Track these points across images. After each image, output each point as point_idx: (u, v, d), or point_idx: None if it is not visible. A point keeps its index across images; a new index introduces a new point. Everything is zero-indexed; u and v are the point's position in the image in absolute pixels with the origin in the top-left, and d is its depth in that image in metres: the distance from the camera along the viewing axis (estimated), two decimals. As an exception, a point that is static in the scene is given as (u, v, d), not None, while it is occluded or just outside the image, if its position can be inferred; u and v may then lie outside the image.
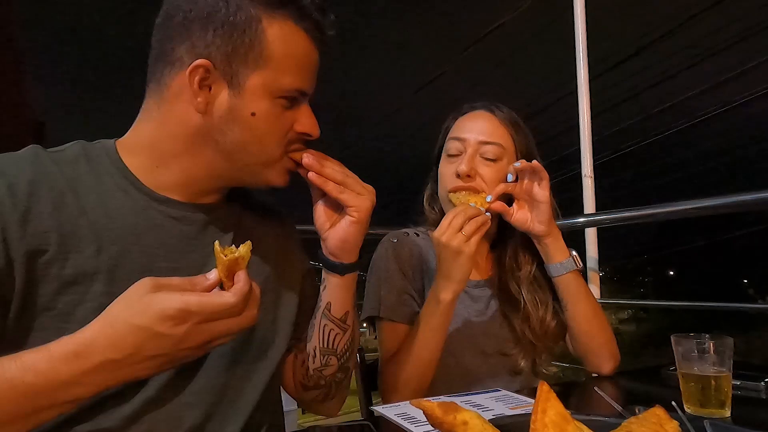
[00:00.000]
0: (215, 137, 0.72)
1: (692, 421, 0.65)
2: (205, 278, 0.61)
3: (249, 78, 0.70)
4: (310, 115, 0.77)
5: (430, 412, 0.59)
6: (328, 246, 0.83)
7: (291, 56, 0.71)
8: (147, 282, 0.58)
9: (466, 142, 1.11)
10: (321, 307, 0.86)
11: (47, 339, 0.61)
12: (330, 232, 0.82)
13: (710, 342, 0.79)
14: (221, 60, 0.69)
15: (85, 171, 0.71)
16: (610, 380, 1.09)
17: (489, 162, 1.10)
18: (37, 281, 0.63)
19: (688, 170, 33.44)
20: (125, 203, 0.72)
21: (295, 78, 0.72)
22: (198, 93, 0.70)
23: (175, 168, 0.74)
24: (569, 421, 0.52)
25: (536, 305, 1.14)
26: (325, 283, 0.86)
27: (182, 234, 0.75)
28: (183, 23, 0.70)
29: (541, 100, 18.93)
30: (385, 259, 1.17)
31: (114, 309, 0.58)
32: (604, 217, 2.02)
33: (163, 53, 0.71)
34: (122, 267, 0.68)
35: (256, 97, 0.71)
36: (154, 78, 0.73)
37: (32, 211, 0.64)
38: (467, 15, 21.76)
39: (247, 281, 0.60)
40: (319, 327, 0.86)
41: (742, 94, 14.63)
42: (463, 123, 1.15)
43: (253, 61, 0.70)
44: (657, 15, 18.66)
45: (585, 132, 2.47)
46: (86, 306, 0.65)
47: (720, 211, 1.58)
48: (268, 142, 0.74)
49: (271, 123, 0.72)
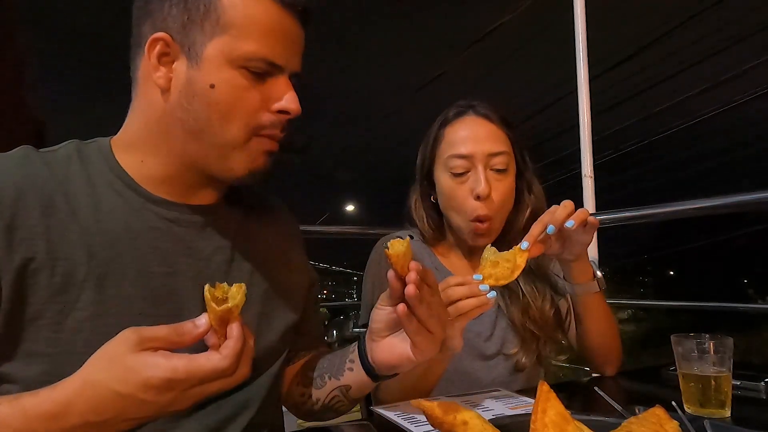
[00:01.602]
0: (178, 116, 0.67)
1: (692, 421, 0.65)
2: (194, 326, 0.55)
3: (206, 47, 0.65)
4: (286, 89, 0.69)
5: (430, 412, 0.58)
6: (374, 354, 0.74)
7: (253, 21, 0.66)
8: (130, 338, 0.52)
9: (474, 158, 1.05)
10: (339, 383, 0.80)
11: (37, 349, 0.60)
12: (384, 345, 0.73)
13: (710, 342, 0.79)
14: (178, 30, 0.66)
15: (77, 171, 0.68)
16: (610, 380, 1.09)
17: (500, 174, 1.06)
18: (26, 290, 0.61)
19: (688, 170, 33.43)
20: (118, 205, 0.69)
21: (258, 45, 0.66)
22: (157, 68, 0.66)
23: (155, 161, 0.71)
24: (569, 421, 0.52)
25: (535, 296, 1.13)
26: (352, 366, 0.78)
27: (177, 237, 0.72)
28: (144, 1, 0.68)
29: (541, 100, 18.91)
30: (378, 264, 1.16)
31: (94, 368, 0.53)
32: (604, 217, 2.02)
33: (134, 38, 0.69)
34: (114, 273, 0.65)
35: (215, 66, 0.65)
36: (132, 67, 0.71)
37: (19, 217, 0.61)
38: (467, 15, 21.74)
39: (240, 337, 0.55)
40: (327, 393, 0.82)
41: (742, 94, 14.62)
42: (459, 133, 1.08)
43: (209, 29, 0.65)
44: (657, 15, 18.65)
45: (585, 132, 2.47)
46: (76, 315, 0.62)
47: (720, 211, 1.58)
48: (232, 119, 0.67)
49: (234, 96, 0.66)
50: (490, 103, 1.12)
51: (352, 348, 0.80)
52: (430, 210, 1.18)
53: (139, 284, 0.67)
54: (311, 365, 0.87)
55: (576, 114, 2.52)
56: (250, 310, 0.77)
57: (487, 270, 0.81)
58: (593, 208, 2.42)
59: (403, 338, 0.71)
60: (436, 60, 26.24)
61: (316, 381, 0.84)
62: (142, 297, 0.67)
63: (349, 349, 0.81)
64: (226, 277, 0.75)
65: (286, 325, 0.82)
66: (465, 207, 1.07)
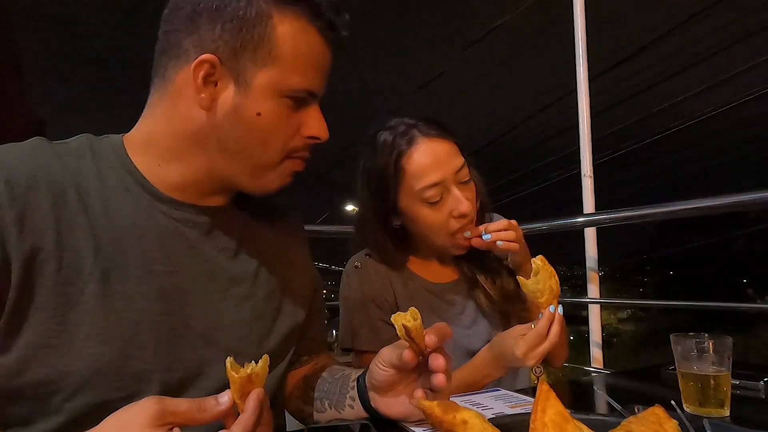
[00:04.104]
0: (218, 135, 0.69)
1: (691, 420, 0.65)
2: (216, 402, 0.54)
3: (256, 76, 0.67)
4: (319, 117, 0.73)
5: (429, 411, 0.59)
6: (379, 405, 0.73)
7: (301, 55, 0.68)
8: (151, 408, 0.51)
9: (445, 181, 1.05)
10: (340, 415, 0.79)
11: (40, 340, 0.60)
12: (389, 401, 0.72)
13: (709, 341, 0.79)
14: (228, 56, 0.66)
15: (89, 165, 0.69)
16: (609, 379, 1.09)
17: (467, 184, 1.08)
18: (34, 279, 0.61)
19: (688, 170, 33.44)
20: (127, 201, 0.69)
21: (304, 78, 0.69)
22: (202, 89, 0.67)
23: (177, 168, 0.72)
24: (569, 421, 0.52)
25: (492, 275, 1.16)
26: (353, 404, 0.77)
27: (184, 238, 0.72)
28: (191, 15, 0.67)
29: (541, 100, 18.92)
30: (350, 288, 1.15)
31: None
32: (603, 217, 2.02)
33: (169, 46, 0.69)
34: (119, 268, 0.65)
35: (263, 96, 0.68)
36: (159, 72, 0.71)
37: (30, 206, 0.62)
38: (467, 15, 21.77)
39: (254, 411, 0.54)
40: (328, 419, 0.81)
41: (741, 94, 14.64)
42: (422, 162, 1.05)
43: (261, 59, 0.67)
44: (657, 15, 18.65)
45: (585, 132, 2.48)
46: (81, 308, 0.62)
47: (720, 211, 1.58)
48: (271, 143, 0.70)
49: (276, 124, 0.69)
50: (424, 116, 1.10)
51: (351, 383, 0.78)
52: (393, 236, 1.15)
53: (144, 281, 0.67)
54: (311, 383, 0.86)
55: (576, 114, 2.52)
56: (254, 311, 0.77)
57: (548, 297, 0.89)
58: (593, 207, 2.42)
59: (407, 392, 0.71)
60: (436, 60, 26.23)
61: (317, 404, 0.83)
62: (146, 294, 0.67)
63: (348, 382, 0.79)
64: (230, 277, 0.76)
65: (290, 327, 0.82)
66: (447, 228, 1.07)
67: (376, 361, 0.71)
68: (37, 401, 0.61)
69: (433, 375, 0.67)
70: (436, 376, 0.67)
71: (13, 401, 0.61)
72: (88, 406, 0.62)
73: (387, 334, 1.09)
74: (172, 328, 0.68)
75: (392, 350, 0.69)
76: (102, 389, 0.62)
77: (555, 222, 2.08)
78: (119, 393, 0.63)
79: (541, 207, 34.77)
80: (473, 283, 1.17)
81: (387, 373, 0.69)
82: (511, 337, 0.94)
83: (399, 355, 0.67)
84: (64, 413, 0.62)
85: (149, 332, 0.66)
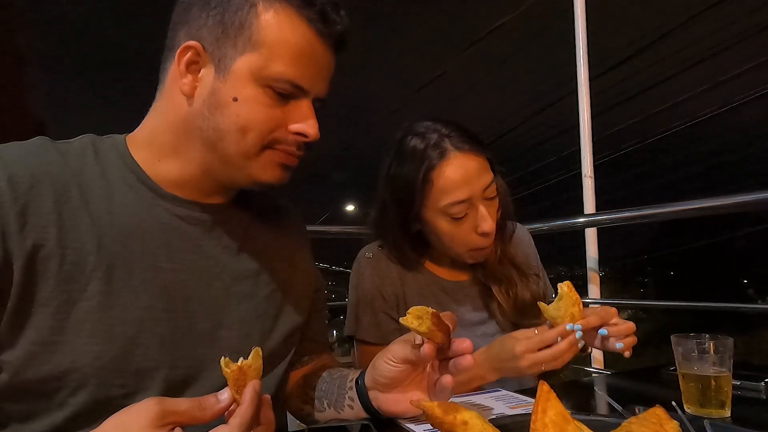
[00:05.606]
0: (199, 123, 0.69)
1: (692, 421, 0.65)
2: (216, 400, 0.55)
3: (236, 61, 0.66)
4: (307, 113, 0.70)
5: (430, 411, 0.59)
6: (381, 404, 0.72)
7: (285, 44, 0.66)
8: (151, 409, 0.51)
9: (472, 199, 1.02)
10: (339, 416, 0.79)
11: (44, 337, 0.60)
12: (393, 398, 0.72)
13: (710, 342, 0.79)
14: (211, 42, 0.67)
15: (91, 164, 0.69)
16: (610, 380, 1.09)
17: (492, 200, 1.05)
18: (36, 276, 0.61)
19: (688, 170, 33.45)
20: (130, 199, 0.69)
21: (286, 67, 0.67)
22: (184, 74, 0.68)
23: (175, 163, 0.72)
24: (569, 421, 0.52)
25: (501, 286, 1.14)
26: (352, 404, 0.77)
27: (186, 235, 0.73)
28: (185, 8, 0.69)
29: (541, 100, 18.94)
30: (360, 277, 1.15)
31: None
32: (604, 217, 2.02)
33: (168, 41, 0.71)
34: (122, 265, 0.66)
35: (241, 81, 0.66)
36: (161, 69, 0.72)
37: (33, 204, 0.62)
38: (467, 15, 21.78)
39: (251, 402, 0.54)
40: (328, 419, 0.81)
41: (742, 94, 14.63)
42: (451, 178, 1.01)
43: (242, 44, 0.66)
44: (657, 15, 18.66)
45: (585, 132, 2.48)
46: (83, 304, 0.63)
47: (720, 211, 1.58)
48: (247, 132, 0.67)
49: (254, 111, 0.67)
50: (456, 125, 1.05)
51: (349, 383, 0.78)
52: (412, 239, 1.14)
53: (147, 278, 0.67)
54: (311, 383, 0.86)
55: (576, 114, 2.52)
56: (255, 310, 0.77)
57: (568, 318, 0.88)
58: (593, 208, 2.42)
59: (413, 388, 0.72)
60: (436, 60, 26.25)
61: (317, 404, 0.83)
62: (149, 291, 0.67)
63: (346, 383, 0.79)
64: (232, 276, 0.76)
65: (291, 326, 0.82)
66: (468, 242, 1.06)
67: (384, 356, 0.70)
68: (41, 397, 0.62)
69: (460, 357, 0.68)
70: (465, 357, 0.68)
71: (17, 397, 0.61)
72: (91, 403, 0.62)
73: (388, 326, 1.10)
74: (175, 325, 0.69)
75: (403, 345, 0.69)
76: (105, 386, 0.63)
77: (555, 222, 2.08)
78: (122, 390, 0.64)
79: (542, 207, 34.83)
80: (486, 291, 1.16)
81: (398, 368, 0.69)
82: (513, 337, 0.93)
83: (412, 350, 0.67)
84: (67, 409, 0.62)
85: (152, 329, 0.66)
